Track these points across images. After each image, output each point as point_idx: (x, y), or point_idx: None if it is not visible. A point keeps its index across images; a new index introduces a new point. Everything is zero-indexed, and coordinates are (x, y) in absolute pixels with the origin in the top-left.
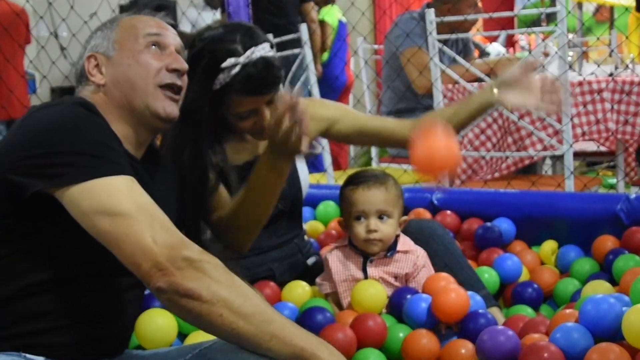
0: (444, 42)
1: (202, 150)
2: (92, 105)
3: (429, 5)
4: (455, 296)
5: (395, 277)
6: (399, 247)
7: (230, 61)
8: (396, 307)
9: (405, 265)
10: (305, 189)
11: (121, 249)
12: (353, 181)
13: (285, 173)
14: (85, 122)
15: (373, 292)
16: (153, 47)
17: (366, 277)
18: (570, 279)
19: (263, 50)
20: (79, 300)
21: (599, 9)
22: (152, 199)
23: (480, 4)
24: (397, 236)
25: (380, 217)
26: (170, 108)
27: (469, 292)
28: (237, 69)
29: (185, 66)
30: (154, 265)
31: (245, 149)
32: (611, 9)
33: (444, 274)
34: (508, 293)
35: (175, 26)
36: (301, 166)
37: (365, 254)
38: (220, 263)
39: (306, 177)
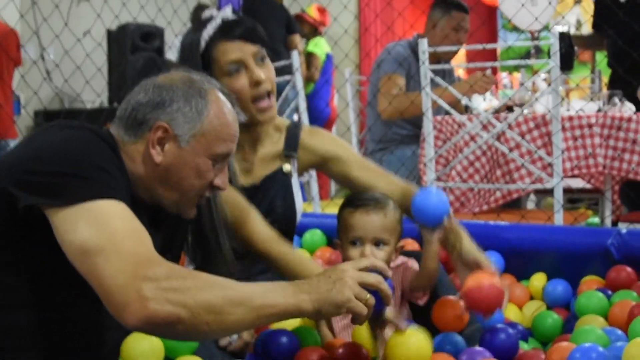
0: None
1: None
2: (108, 136)
3: (419, 35)
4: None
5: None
6: (391, 265)
7: (208, 12)
8: None
9: (395, 277)
10: (299, 216)
11: (94, 287)
12: (352, 203)
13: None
14: (91, 148)
15: (415, 341)
16: (216, 163)
17: None
18: (549, 312)
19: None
20: (62, 323)
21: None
22: (157, 237)
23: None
24: None
25: (376, 244)
26: (193, 214)
27: None
28: (217, 20)
29: (227, 187)
30: (121, 304)
31: (245, 171)
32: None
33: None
34: None
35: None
36: (297, 191)
37: None
38: (182, 268)
39: (300, 205)
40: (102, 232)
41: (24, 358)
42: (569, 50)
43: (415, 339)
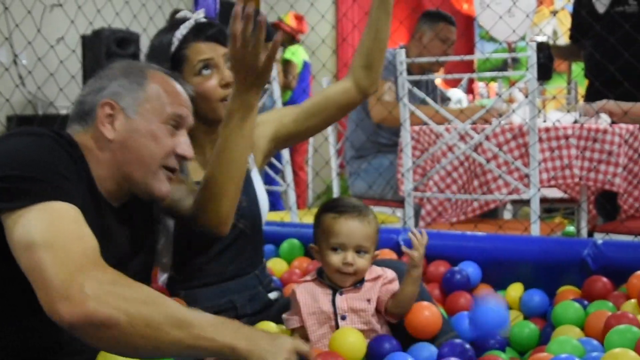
0: (415, 83)
1: None
2: (69, 142)
3: (404, 46)
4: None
5: (369, 300)
6: (367, 277)
7: (183, 13)
8: (374, 356)
9: (373, 290)
10: (264, 212)
11: (32, 282)
12: (334, 209)
13: (255, 110)
14: (48, 153)
15: (352, 340)
16: (173, 127)
17: (335, 310)
18: (526, 322)
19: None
20: (37, 331)
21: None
22: (121, 241)
23: (454, 37)
24: None
25: (357, 252)
26: (165, 188)
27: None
28: (191, 22)
29: (191, 154)
30: (59, 296)
31: (202, 166)
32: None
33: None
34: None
35: (152, 56)
36: (259, 187)
37: (334, 286)
38: (129, 279)
39: (265, 200)
40: (52, 229)
41: None
42: (548, 60)
43: None
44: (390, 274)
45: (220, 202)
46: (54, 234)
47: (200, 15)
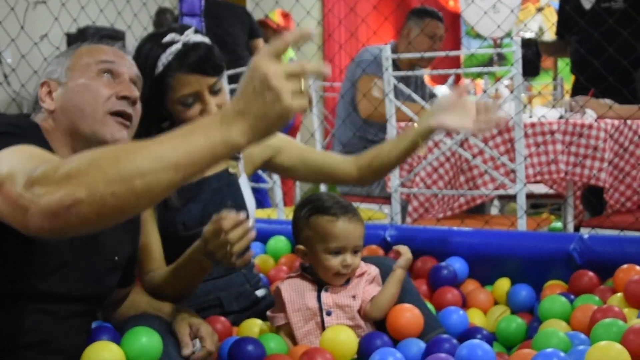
0: (403, 79)
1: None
2: (33, 124)
3: (394, 43)
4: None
5: (354, 297)
6: (356, 273)
7: (171, 36)
8: (365, 353)
9: (359, 286)
10: (252, 217)
11: (5, 216)
12: (326, 211)
13: (209, 269)
14: (12, 121)
15: (344, 338)
16: (105, 74)
17: (320, 305)
18: (513, 317)
19: (204, 39)
20: (21, 326)
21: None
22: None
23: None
24: None
25: (354, 252)
26: (119, 134)
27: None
28: (178, 45)
29: (136, 94)
30: (21, 211)
31: None
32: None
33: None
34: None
35: (137, 65)
36: (246, 191)
37: (320, 282)
38: (73, 157)
39: (252, 205)
40: (10, 162)
41: None
42: (535, 57)
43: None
44: (373, 270)
45: (169, 294)
46: (7, 167)
47: (189, 37)
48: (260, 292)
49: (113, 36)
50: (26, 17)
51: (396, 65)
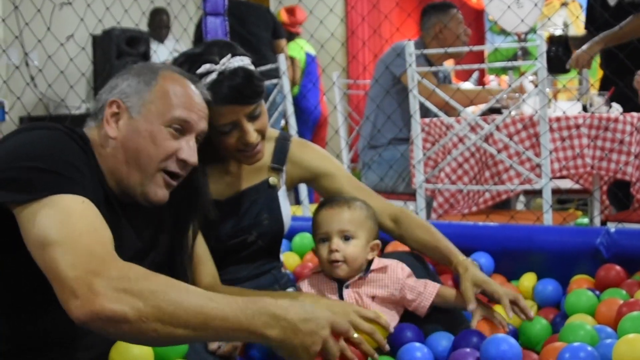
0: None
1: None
2: (81, 136)
3: (422, 40)
4: None
5: (373, 298)
6: (374, 267)
7: (205, 67)
8: (395, 344)
9: (386, 283)
10: (286, 228)
11: (49, 278)
12: (321, 204)
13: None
14: (58, 145)
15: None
16: (176, 132)
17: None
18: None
19: (242, 61)
20: (52, 323)
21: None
22: (132, 238)
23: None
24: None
25: (344, 238)
26: (162, 194)
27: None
28: (214, 75)
29: (196, 161)
30: (69, 294)
31: (228, 184)
32: None
33: None
34: None
35: (209, 102)
36: (284, 203)
37: (340, 280)
38: (143, 271)
39: (289, 215)
40: (62, 226)
41: None
42: (565, 54)
43: None
44: (402, 268)
45: None
46: (66, 230)
47: (224, 65)
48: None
49: (138, 37)
50: (52, 18)
51: (428, 61)
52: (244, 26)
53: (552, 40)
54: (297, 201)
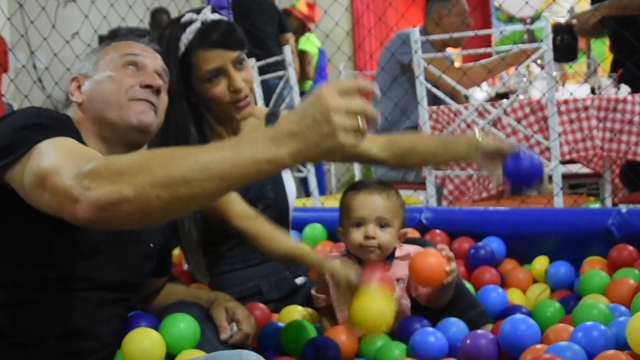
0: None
1: (178, 119)
2: (67, 117)
3: (424, 27)
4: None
5: (398, 280)
6: (397, 254)
7: (189, 15)
8: (404, 336)
9: (403, 268)
10: (292, 202)
11: (52, 207)
12: (354, 187)
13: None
14: (38, 111)
15: (377, 307)
16: (130, 66)
17: None
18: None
19: (220, 17)
20: (53, 312)
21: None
22: None
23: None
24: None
25: (380, 225)
26: (144, 116)
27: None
28: (197, 24)
29: (159, 82)
30: (70, 201)
31: None
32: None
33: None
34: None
35: (160, 53)
36: (288, 179)
37: (363, 263)
38: (125, 155)
39: (293, 191)
40: (54, 155)
41: (23, 354)
42: (572, 41)
43: (378, 302)
44: (414, 252)
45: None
46: (55, 157)
47: (206, 15)
48: (299, 280)
49: (143, 35)
50: (57, 17)
51: (429, 47)
52: (249, 21)
53: (558, 29)
54: (306, 193)
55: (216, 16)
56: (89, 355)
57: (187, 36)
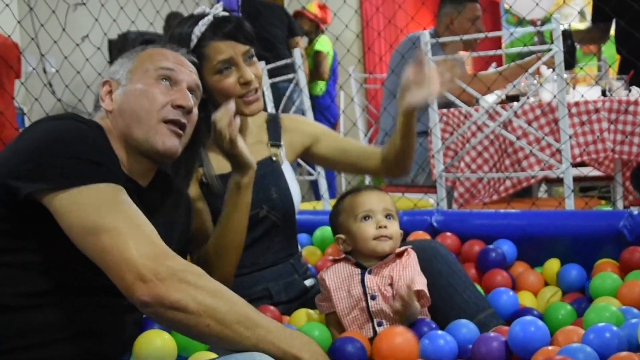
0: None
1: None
2: (96, 125)
3: (435, 28)
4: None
5: (391, 285)
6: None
7: (202, 8)
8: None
9: (398, 266)
10: (297, 204)
11: (106, 263)
12: (351, 191)
13: (245, 190)
14: (83, 134)
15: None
16: (164, 81)
17: (364, 289)
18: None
19: (232, 14)
20: (74, 317)
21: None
22: (155, 224)
23: (480, 14)
24: None
25: (386, 217)
26: (170, 142)
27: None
28: (209, 17)
29: (191, 104)
30: (137, 277)
31: None
32: None
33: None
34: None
35: (195, 65)
36: (292, 181)
37: (363, 265)
38: (204, 272)
39: (297, 193)
40: (117, 214)
41: (39, 355)
42: (571, 48)
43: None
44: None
45: (223, 262)
46: (121, 218)
47: (218, 10)
48: (308, 282)
49: (155, 40)
50: (67, 20)
51: (439, 51)
52: (259, 24)
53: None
54: (317, 196)
55: (227, 13)
56: (104, 357)
57: (199, 28)
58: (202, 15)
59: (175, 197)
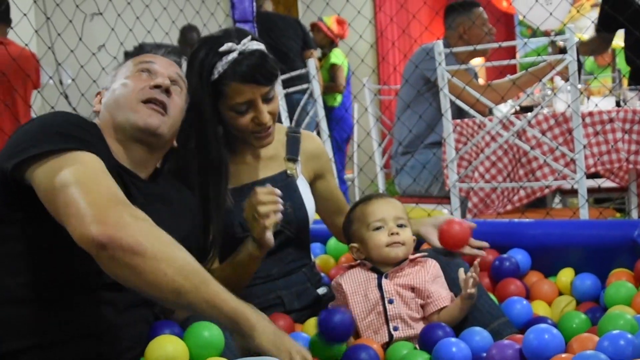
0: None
1: (207, 137)
2: (91, 121)
3: (445, 37)
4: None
5: (412, 290)
6: (411, 258)
7: (227, 45)
8: (426, 344)
9: (419, 275)
10: (311, 216)
11: (68, 215)
12: (362, 200)
13: (258, 259)
14: (68, 116)
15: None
16: (144, 73)
17: (382, 293)
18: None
19: (259, 45)
20: (76, 316)
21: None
22: (155, 212)
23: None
24: None
25: (398, 225)
26: (150, 119)
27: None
28: (234, 54)
29: (167, 82)
30: (95, 220)
31: (244, 172)
32: (613, 51)
33: None
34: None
35: (179, 64)
36: (306, 192)
37: (379, 270)
38: (166, 234)
39: (312, 206)
40: (84, 170)
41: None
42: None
43: None
44: (431, 265)
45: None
46: (87, 175)
47: (245, 45)
48: (321, 290)
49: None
50: (83, 30)
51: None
52: (273, 36)
53: (562, 50)
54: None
55: (254, 46)
56: (113, 358)
57: (222, 65)
58: (228, 52)
59: (181, 194)
